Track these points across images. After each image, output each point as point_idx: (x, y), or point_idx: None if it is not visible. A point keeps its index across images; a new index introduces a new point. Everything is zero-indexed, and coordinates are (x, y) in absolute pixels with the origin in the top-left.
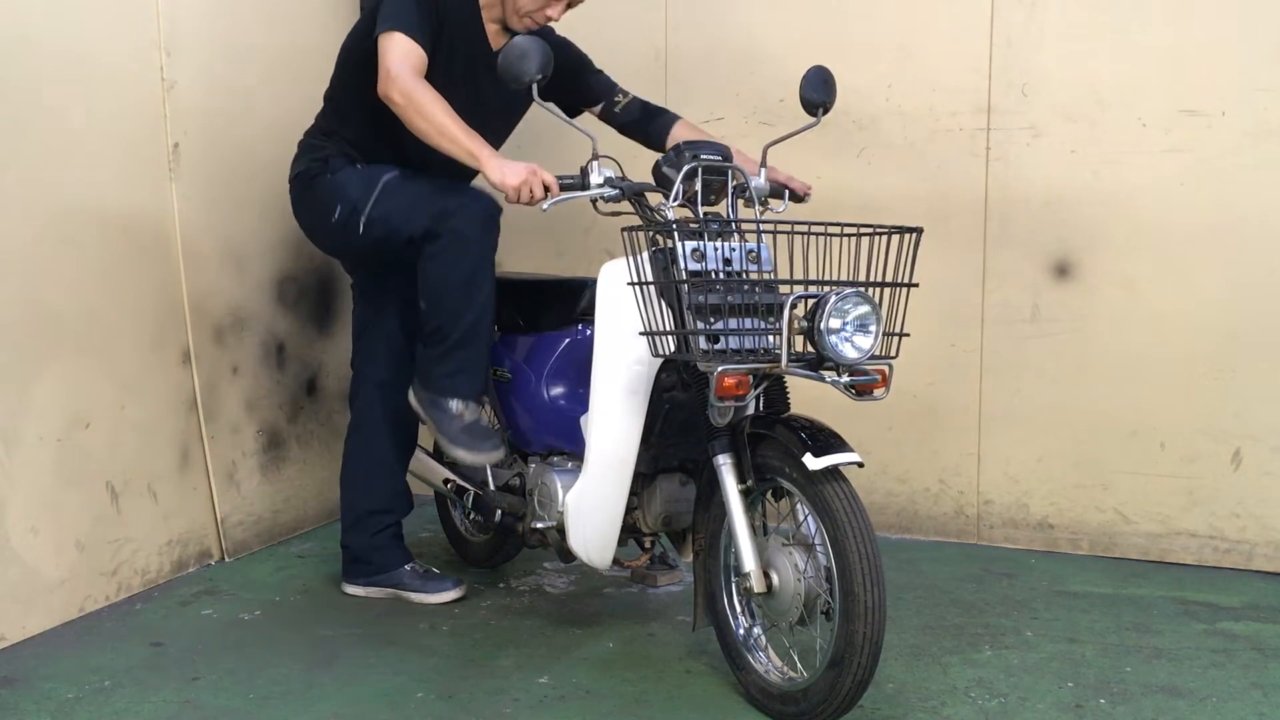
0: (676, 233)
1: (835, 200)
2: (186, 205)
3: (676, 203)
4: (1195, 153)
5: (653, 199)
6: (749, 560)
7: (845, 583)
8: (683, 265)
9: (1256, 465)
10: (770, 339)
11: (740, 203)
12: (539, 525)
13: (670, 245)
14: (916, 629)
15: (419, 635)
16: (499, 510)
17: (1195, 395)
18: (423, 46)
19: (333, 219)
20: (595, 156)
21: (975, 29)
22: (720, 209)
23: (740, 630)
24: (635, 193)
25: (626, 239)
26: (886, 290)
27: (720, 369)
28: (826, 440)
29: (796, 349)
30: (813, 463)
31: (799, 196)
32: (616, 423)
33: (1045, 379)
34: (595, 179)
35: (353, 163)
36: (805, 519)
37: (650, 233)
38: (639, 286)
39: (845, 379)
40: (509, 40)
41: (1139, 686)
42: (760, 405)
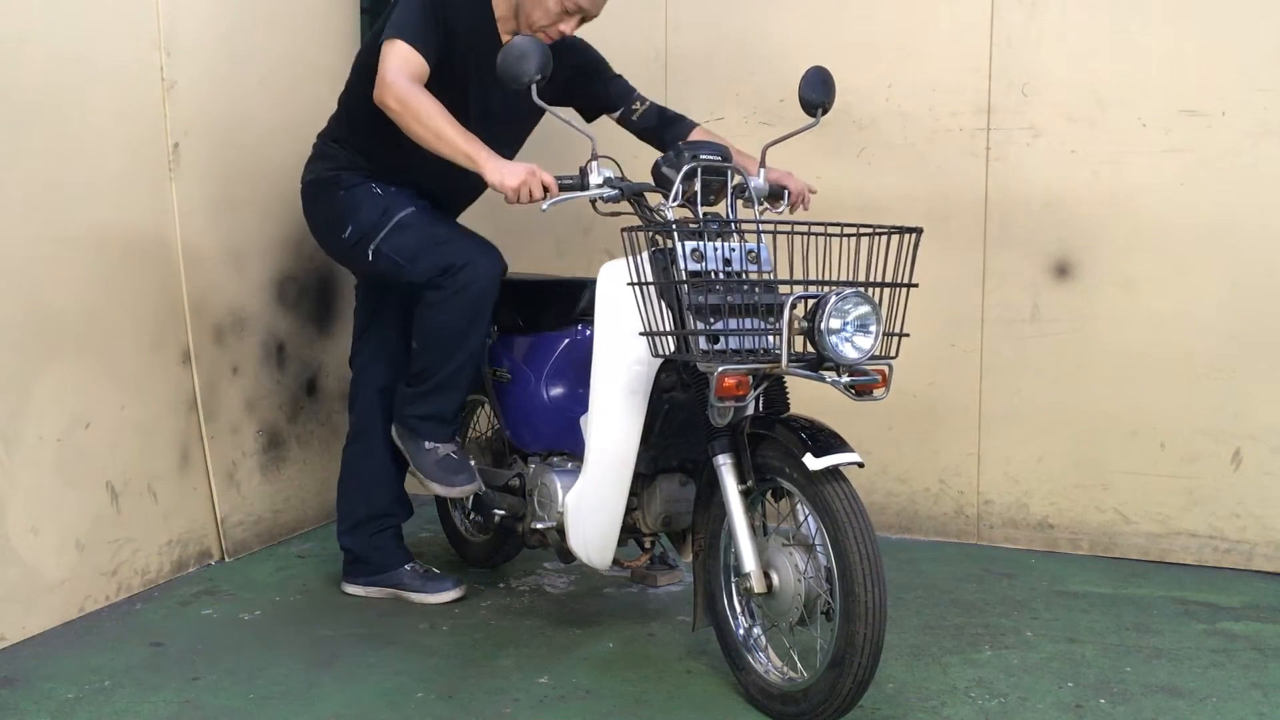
0: (676, 233)
1: (835, 200)
2: (186, 205)
3: (676, 203)
4: (1195, 153)
5: (652, 199)
6: (749, 560)
7: (846, 583)
8: (682, 265)
9: (1256, 465)
10: (769, 339)
11: (739, 203)
12: (539, 526)
13: (670, 245)
14: (916, 629)
15: (419, 635)
16: (499, 511)
17: (1195, 395)
18: (425, 56)
19: (343, 235)
20: (594, 157)
21: (975, 29)
22: (719, 209)
23: (740, 630)
24: (635, 193)
25: (626, 239)
26: (886, 290)
27: (720, 369)
28: (827, 440)
29: (796, 349)
30: (813, 463)
31: (798, 204)
32: (616, 423)
33: (1045, 379)
34: (594, 179)
35: (368, 179)
36: (805, 519)
37: (650, 233)
38: (639, 287)
39: (845, 379)
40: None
41: (1139, 686)
42: (760, 405)
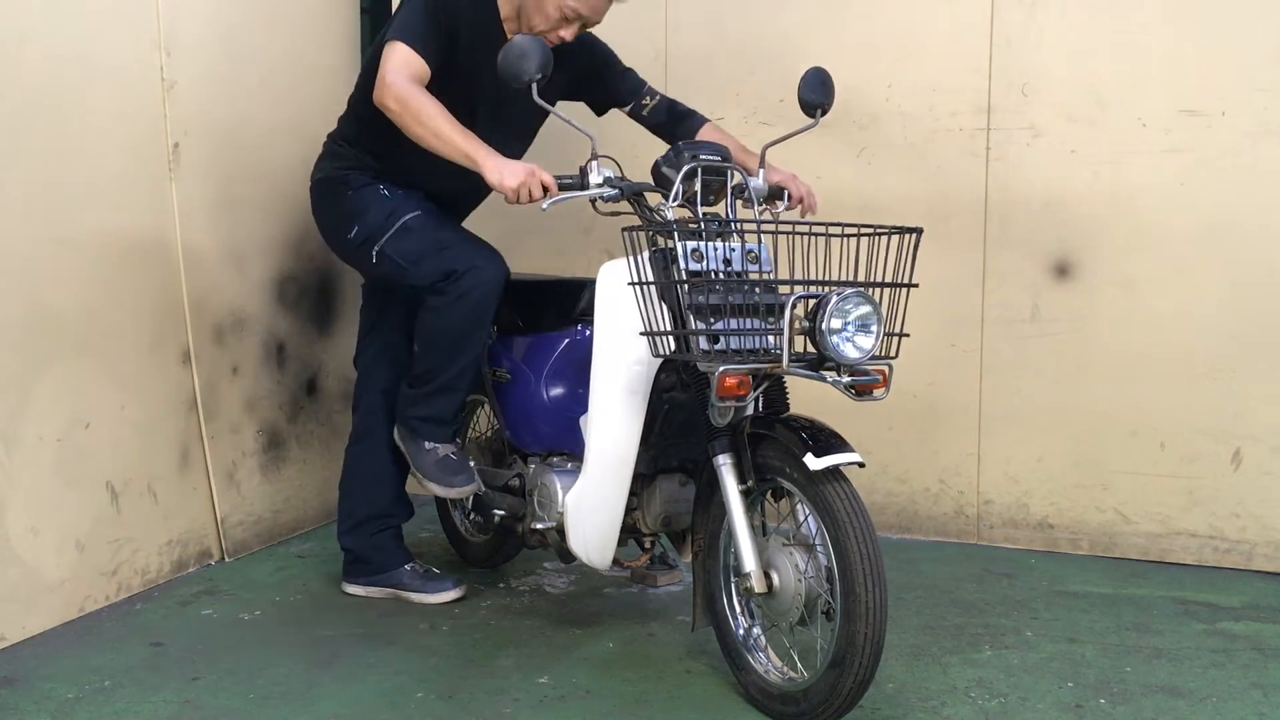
0: (676, 233)
1: (835, 200)
2: (186, 205)
3: (676, 203)
4: (1195, 153)
5: (652, 199)
6: (749, 560)
7: (847, 583)
8: (682, 265)
9: (1256, 465)
10: (770, 339)
11: (739, 203)
12: (539, 526)
13: (670, 245)
14: (916, 629)
15: (419, 635)
16: (498, 511)
17: (1195, 395)
18: (426, 58)
19: (348, 235)
20: (594, 156)
21: (975, 29)
22: (719, 209)
23: (740, 630)
24: (634, 193)
25: (627, 239)
26: (887, 290)
27: (722, 369)
28: (827, 440)
29: (797, 349)
30: (814, 463)
31: (798, 202)
32: (616, 423)
33: (1045, 379)
34: (594, 179)
35: (376, 180)
36: (805, 519)
37: (650, 233)
38: (639, 286)
39: (846, 379)
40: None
41: (1139, 686)
42: (760, 405)
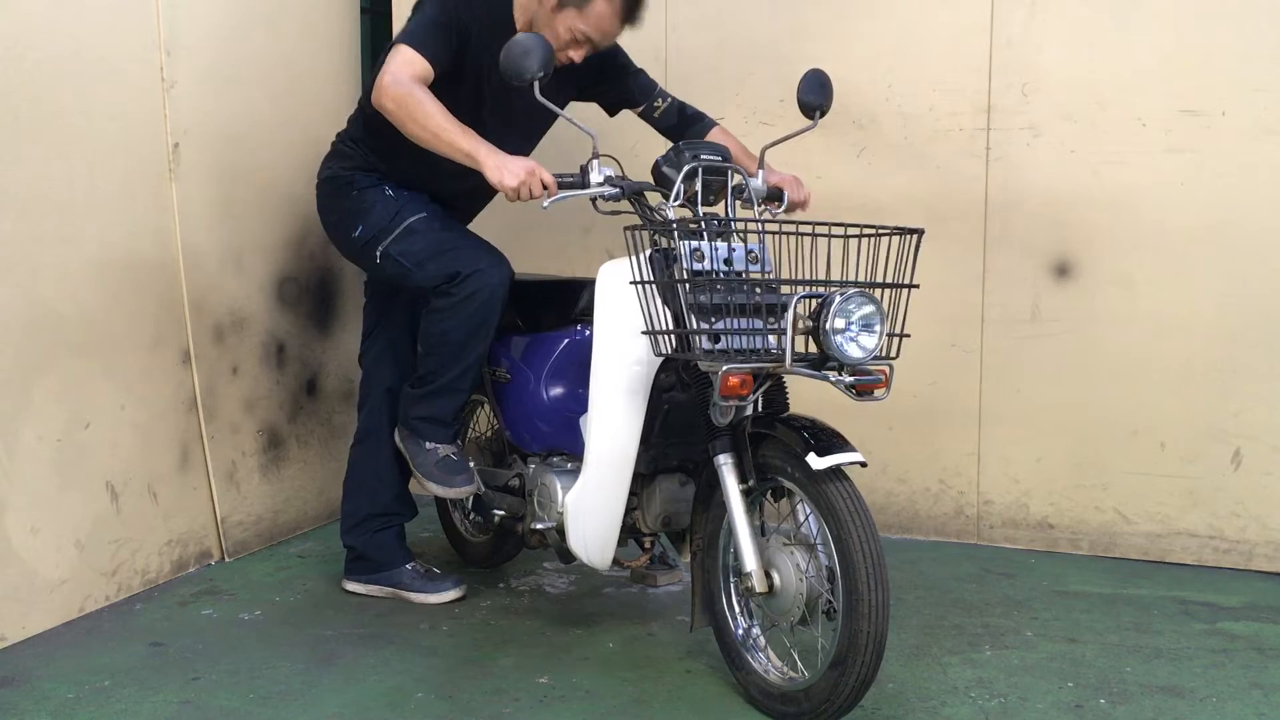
0: (677, 232)
1: (835, 200)
2: (186, 205)
3: (677, 203)
4: (1195, 153)
5: (652, 199)
6: (750, 560)
7: (849, 582)
8: (685, 265)
9: (1256, 465)
10: (771, 338)
11: (738, 204)
12: (539, 526)
13: (671, 245)
14: (916, 629)
15: (419, 635)
16: (498, 511)
17: (1195, 395)
18: (431, 62)
19: (353, 234)
20: (595, 155)
21: (975, 29)
22: (718, 209)
23: (739, 631)
24: (635, 192)
25: (630, 238)
26: (887, 291)
27: (725, 368)
28: (829, 440)
29: (799, 349)
30: (817, 462)
31: (795, 205)
32: (616, 423)
33: (1045, 379)
34: (595, 177)
35: (382, 181)
36: (806, 519)
37: (652, 233)
38: (642, 286)
39: (849, 379)
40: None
41: (1139, 686)
42: (759, 405)
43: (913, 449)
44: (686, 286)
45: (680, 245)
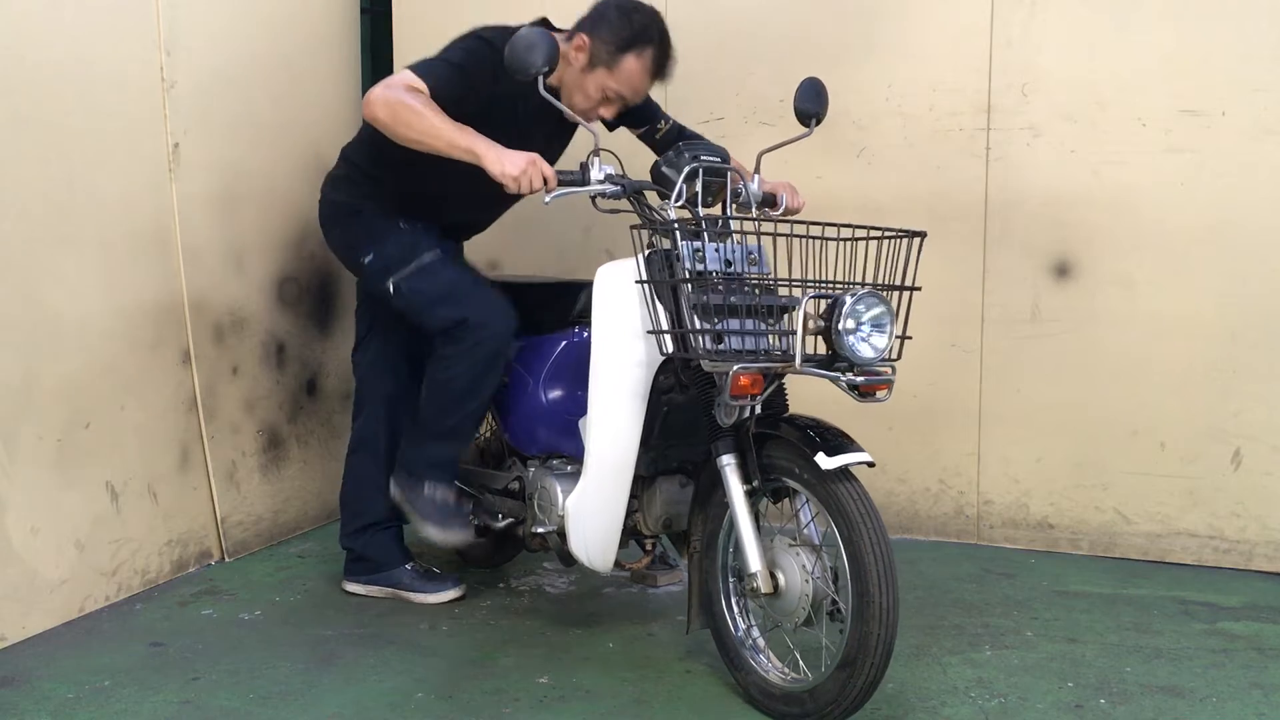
0: (678, 233)
1: (835, 200)
2: (186, 205)
3: (678, 203)
4: (1195, 153)
5: (651, 199)
6: (755, 561)
7: (859, 584)
8: (689, 266)
9: (1256, 465)
10: (775, 339)
11: (733, 207)
12: (539, 530)
13: (674, 246)
14: (916, 629)
15: (419, 635)
16: (498, 524)
17: (1195, 395)
18: (431, 91)
19: (363, 259)
20: (596, 152)
21: (975, 29)
22: (716, 211)
23: (738, 631)
24: (636, 191)
25: (635, 238)
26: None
27: (736, 368)
28: (837, 440)
29: (807, 349)
30: (826, 462)
31: (790, 211)
32: (616, 426)
33: (1045, 379)
34: (596, 175)
35: (387, 214)
36: (810, 520)
37: (655, 232)
38: (647, 285)
39: (859, 379)
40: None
41: (1139, 686)
42: (759, 406)
43: (913, 449)
44: (690, 287)
45: (683, 245)
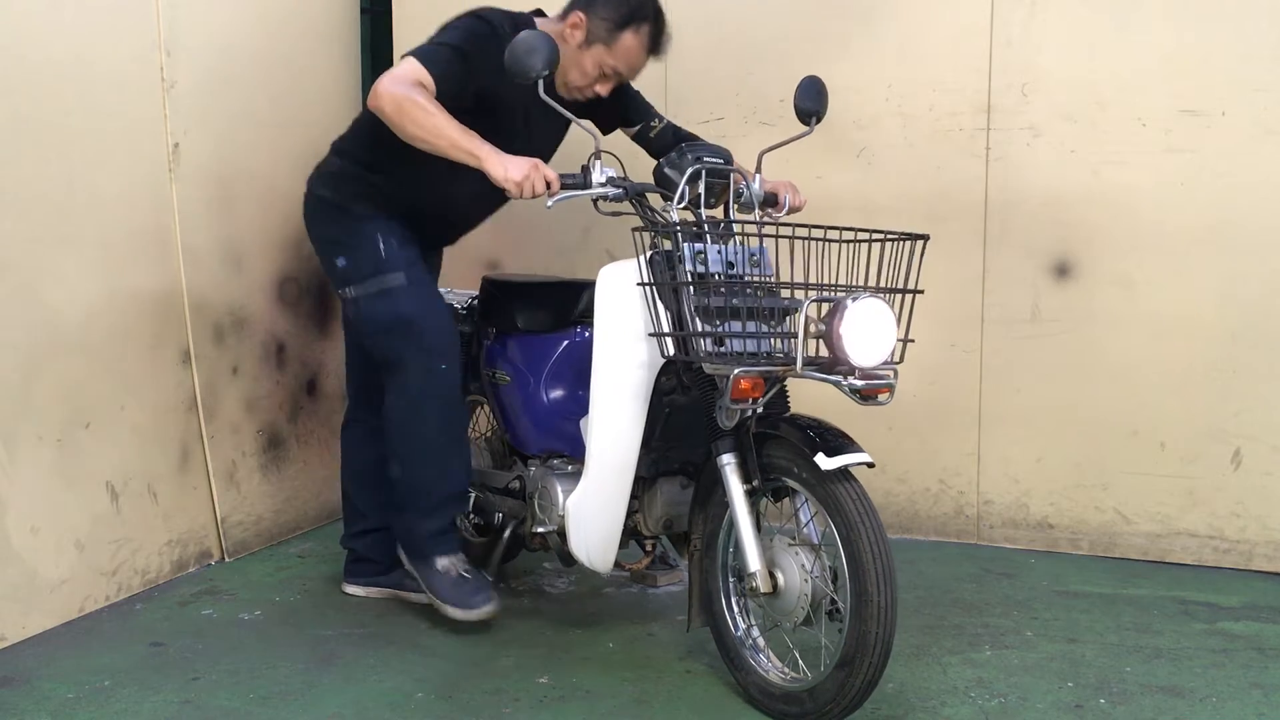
0: (681, 235)
1: (835, 201)
2: (186, 205)
3: (681, 205)
4: (1195, 153)
5: (653, 200)
6: (754, 561)
7: (858, 583)
8: (689, 267)
9: (1256, 465)
10: (776, 341)
11: (735, 208)
12: (540, 530)
13: (677, 247)
14: (916, 629)
15: (419, 635)
16: (499, 515)
17: (1195, 395)
18: (437, 80)
19: (334, 259)
20: (597, 154)
21: (975, 29)
22: (718, 212)
23: (738, 631)
24: (638, 193)
25: (637, 239)
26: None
27: (737, 371)
28: (837, 440)
29: (809, 352)
30: (826, 463)
31: (792, 210)
32: (617, 426)
33: (1045, 379)
34: (597, 177)
35: (376, 214)
36: (809, 520)
37: (656, 234)
38: (649, 288)
39: (860, 383)
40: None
41: (1139, 686)
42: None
43: (913, 449)
44: (692, 289)
45: (685, 247)
